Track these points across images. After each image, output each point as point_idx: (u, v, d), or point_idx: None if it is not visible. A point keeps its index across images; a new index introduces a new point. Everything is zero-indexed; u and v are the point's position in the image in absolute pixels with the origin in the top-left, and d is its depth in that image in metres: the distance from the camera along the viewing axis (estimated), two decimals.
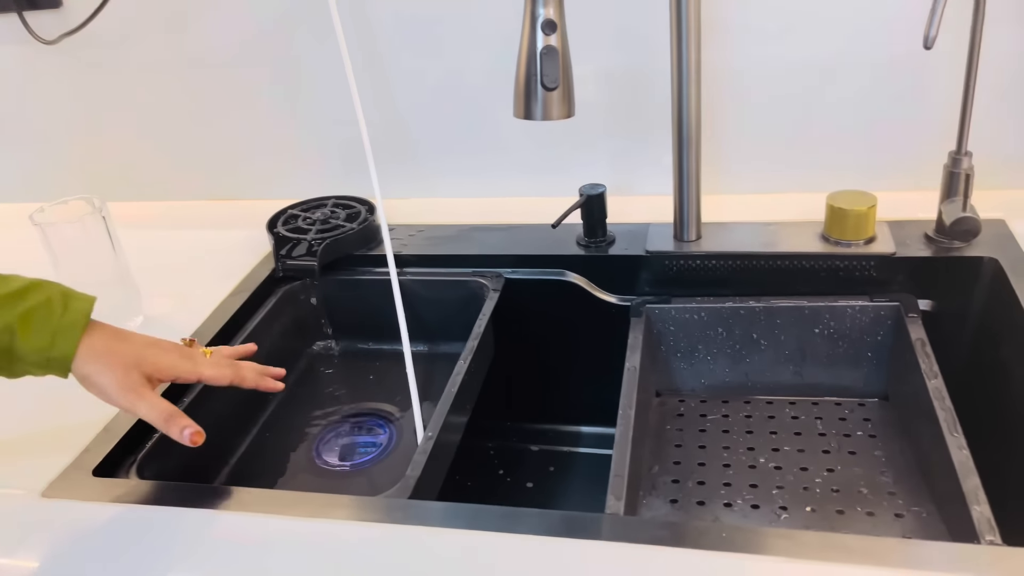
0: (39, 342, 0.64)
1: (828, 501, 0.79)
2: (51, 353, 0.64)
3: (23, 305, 0.64)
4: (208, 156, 1.25)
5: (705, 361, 0.98)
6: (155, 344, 0.71)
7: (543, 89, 0.71)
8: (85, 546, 0.67)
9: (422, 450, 0.76)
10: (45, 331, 0.64)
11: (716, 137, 1.05)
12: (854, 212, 0.91)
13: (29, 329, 0.63)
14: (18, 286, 0.65)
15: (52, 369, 0.66)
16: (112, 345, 0.67)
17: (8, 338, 0.63)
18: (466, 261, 1.03)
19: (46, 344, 0.64)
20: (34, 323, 0.64)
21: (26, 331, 0.63)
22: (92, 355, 0.66)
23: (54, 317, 0.65)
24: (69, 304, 0.66)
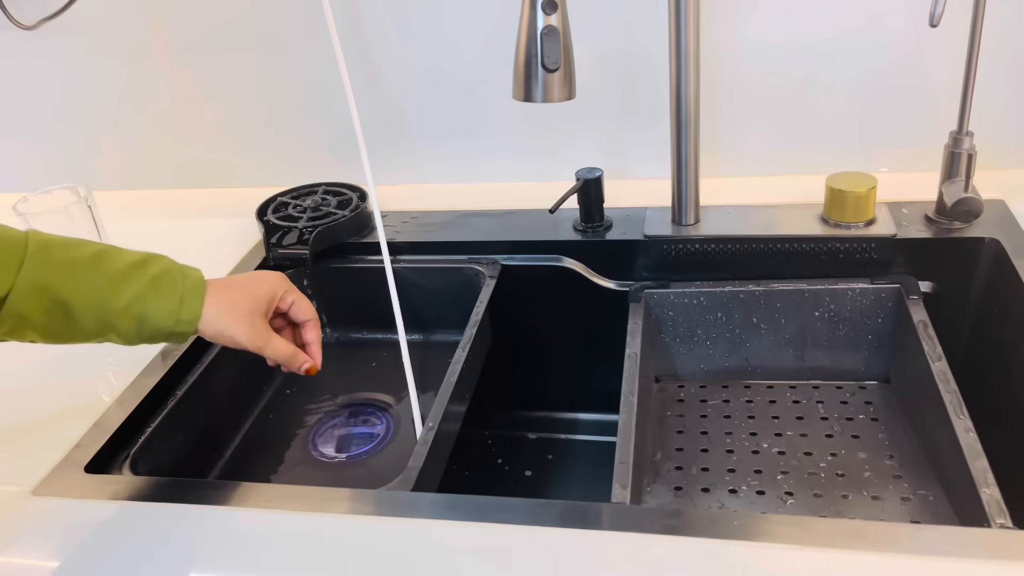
0: (170, 305, 0.67)
1: (834, 486, 0.79)
2: (180, 315, 0.67)
3: (148, 273, 0.67)
4: (195, 143, 1.22)
5: (704, 346, 0.97)
6: (256, 280, 0.74)
7: (544, 71, 0.69)
8: (79, 545, 0.65)
9: (423, 441, 0.74)
10: (173, 295, 0.67)
11: (714, 119, 1.03)
12: (853, 194, 0.90)
13: (159, 294, 0.66)
14: (138, 257, 0.68)
15: (179, 329, 0.68)
16: (229, 298, 0.71)
17: (141, 304, 0.66)
18: (461, 248, 1.02)
19: (175, 307, 0.67)
20: (162, 288, 0.67)
21: (157, 296, 0.66)
22: (217, 313, 0.69)
23: (177, 282, 0.68)
24: (185, 272, 0.70)
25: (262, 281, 0.74)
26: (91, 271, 0.65)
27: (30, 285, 0.62)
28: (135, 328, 0.67)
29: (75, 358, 0.88)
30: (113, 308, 0.65)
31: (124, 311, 0.65)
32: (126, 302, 0.65)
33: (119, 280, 0.65)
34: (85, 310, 0.64)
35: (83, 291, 0.64)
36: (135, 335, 0.67)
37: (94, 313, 0.65)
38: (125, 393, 0.82)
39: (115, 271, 0.65)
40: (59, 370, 0.87)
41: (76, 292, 0.64)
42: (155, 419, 0.81)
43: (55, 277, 0.63)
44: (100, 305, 0.65)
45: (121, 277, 0.65)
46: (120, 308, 0.65)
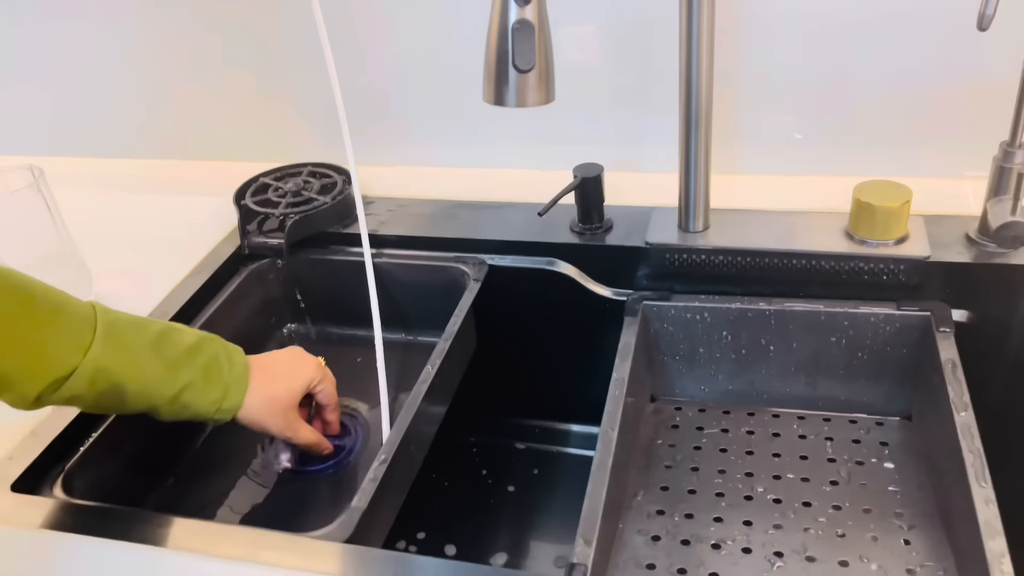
0: (214, 394, 0.68)
1: (831, 547, 0.70)
2: (222, 404, 0.69)
3: (201, 360, 0.68)
4: (171, 108, 1.15)
5: (707, 366, 0.88)
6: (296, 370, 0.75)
7: (515, 71, 0.60)
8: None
9: (372, 478, 0.67)
10: (219, 385, 0.68)
11: (731, 107, 0.92)
12: (884, 208, 0.79)
13: (207, 384, 0.67)
14: (194, 340, 0.68)
15: (216, 417, 0.69)
16: (268, 392, 0.72)
17: (189, 394, 0.66)
18: (448, 244, 0.93)
19: (219, 396, 0.68)
20: (211, 377, 0.68)
21: (205, 386, 0.67)
22: (255, 407, 0.71)
23: (224, 371, 0.69)
24: (232, 358, 0.70)
25: (301, 373, 0.75)
26: (152, 358, 0.65)
27: (93, 368, 0.61)
28: (176, 412, 0.68)
29: None
30: (164, 396, 0.66)
31: (173, 399, 0.66)
32: (176, 391, 0.66)
33: (175, 368, 0.66)
34: (138, 395, 0.65)
35: (141, 378, 0.64)
36: (173, 416, 0.68)
37: (145, 399, 0.65)
38: None
39: (173, 357, 0.66)
40: None
41: (134, 378, 0.64)
42: (100, 426, 0.76)
43: (117, 362, 0.63)
44: (153, 393, 0.65)
45: (177, 364, 0.66)
46: (170, 397, 0.66)
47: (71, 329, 0.61)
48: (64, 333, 0.61)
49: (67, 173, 0.98)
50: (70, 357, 0.60)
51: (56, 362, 0.60)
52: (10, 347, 0.59)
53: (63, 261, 0.87)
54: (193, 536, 0.62)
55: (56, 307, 0.62)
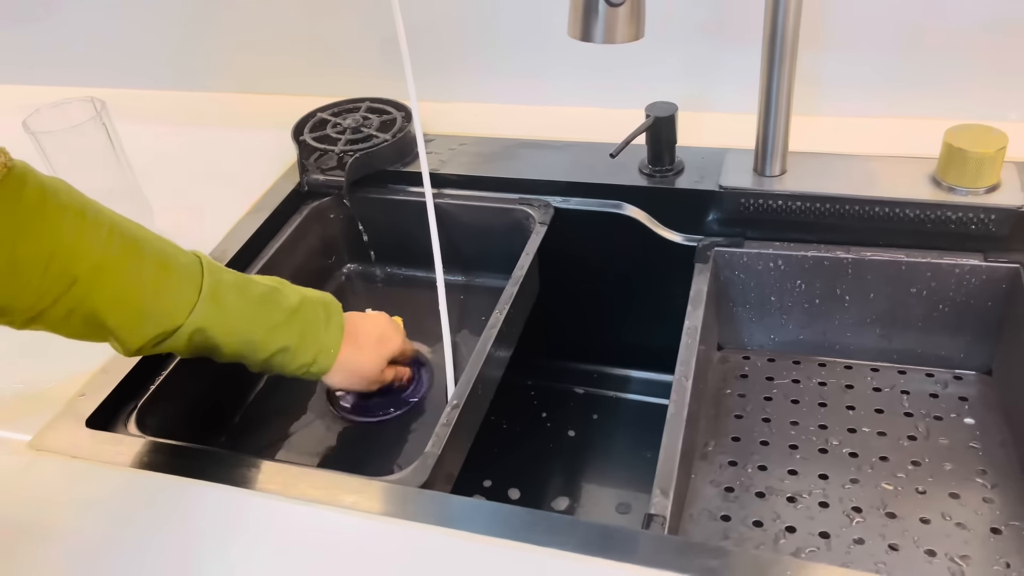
0: (304, 359, 0.68)
1: (911, 504, 0.68)
2: (310, 369, 0.69)
3: (298, 325, 0.67)
4: (231, 42, 1.12)
5: (777, 315, 0.86)
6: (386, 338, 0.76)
7: (606, 4, 0.57)
8: (67, 514, 0.61)
9: (445, 422, 0.67)
10: (311, 350, 0.68)
11: (814, 42, 0.87)
12: (977, 154, 0.75)
13: (301, 348, 0.67)
14: (295, 303, 0.67)
15: (303, 377, 0.69)
16: (355, 362, 0.72)
17: (280, 358, 0.66)
18: (512, 185, 0.91)
19: (309, 361, 0.68)
20: (306, 343, 0.67)
21: (298, 350, 0.67)
22: (341, 372, 0.71)
23: (319, 335, 0.68)
24: (331, 319, 0.69)
25: (387, 345, 0.76)
26: (252, 322, 0.64)
27: (194, 327, 0.61)
28: (264, 369, 0.68)
29: None
30: (257, 358, 0.66)
31: (265, 361, 0.66)
32: (270, 354, 0.66)
33: (272, 332, 0.65)
34: (232, 356, 0.65)
35: (238, 342, 0.64)
36: (258, 370, 0.68)
37: (238, 357, 0.66)
38: None
39: (273, 323, 0.65)
40: None
41: (231, 341, 0.64)
42: (167, 366, 0.75)
43: (218, 323, 0.62)
44: (247, 353, 0.65)
45: (275, 329, 0.65)
46: (263, 360, 0.66)
47: (179, 286, 0.61)
48: (172, 291, 0.60)
49: (126, 105, 0.97)
50: (175, 316, 0.60)
51: (161, 319, 0.60)
52: (118, 302, 0.58)
53: (125, 195, 0.86)
54: (269, 477, 0.62)
55: (164, 261, 0.60)
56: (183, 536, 0.58)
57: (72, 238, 0.56)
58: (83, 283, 0.56)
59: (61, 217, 0.56)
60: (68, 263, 0.56)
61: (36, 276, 0.55)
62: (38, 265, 0.55)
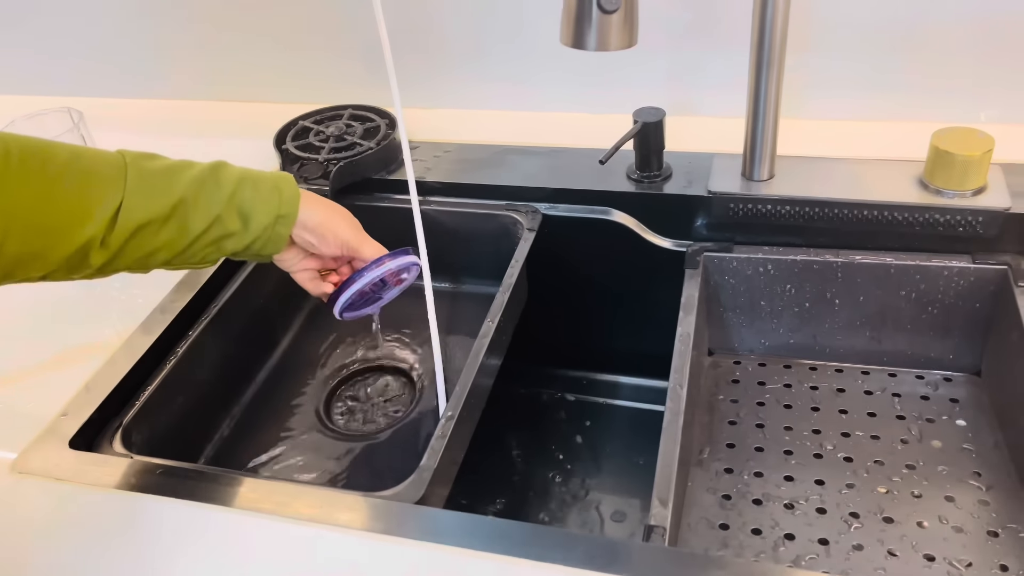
0: (266, 189, 0.64)
1: (907, 508, 0.68)
2: (283, 194, 0.65)
3: (234, 169, 0.65)
4: (208, 49, 1.10)
5: (768, 319, 0.86)
6: None
7: (599, 11, 0.56)
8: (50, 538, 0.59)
9: (440, 435, 0.66)
10: (268, 182, 0.65)
11: (802, 46, 0.87)
12: (964, 157, 0.76)
13: (257, 182, 0.64)
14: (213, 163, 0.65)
15: (284, 211, 0.65)
16: (322, 198, 0.70)
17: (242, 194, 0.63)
18: (498, 192, 0.90)
19: (274, 190, 0.65)
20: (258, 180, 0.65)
21: (255, 186, 0.64)
22: (315, 203, 0.68)
23: (265, 173, 0.66)
24: (264, 172, 0.67)
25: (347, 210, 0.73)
26: (188, 171, 0.62)
27: (139, 190, 0.59)
28: (240, 222, 0.64)
29: (71, 309, 0.81)
30: (218, 199, 0.62)
31: (228, 201, 0.63)
32: (228, 192, 0.63)
33: (215, 173, 0.63)
34: (193, 204, 0.62)
35: (188, 188, 0.61)
36: (243, 230, 0.64)
37: (202, 208, 0.62)
38: (120, 352, 0.74)
39: (208, 167, 0.63)
40: (53, 320, 0.80)
41: (181, 189, 0.61)
42: (152, 381, 0.74)
43: (158, 180, 0.60)
44: (206, 198, 0.62)
45: (215, 171, 0.63)
46: (224, 199, 0.63)
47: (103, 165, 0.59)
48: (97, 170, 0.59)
49: (102, 114, 0.94)
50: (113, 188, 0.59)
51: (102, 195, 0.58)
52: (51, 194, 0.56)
53: None
54: (263, 496, 0.60)
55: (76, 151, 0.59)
56: (174, 561, 0.57)
57: None
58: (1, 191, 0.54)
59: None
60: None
61: None
62: None
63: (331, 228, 0.69)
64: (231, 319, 0.82)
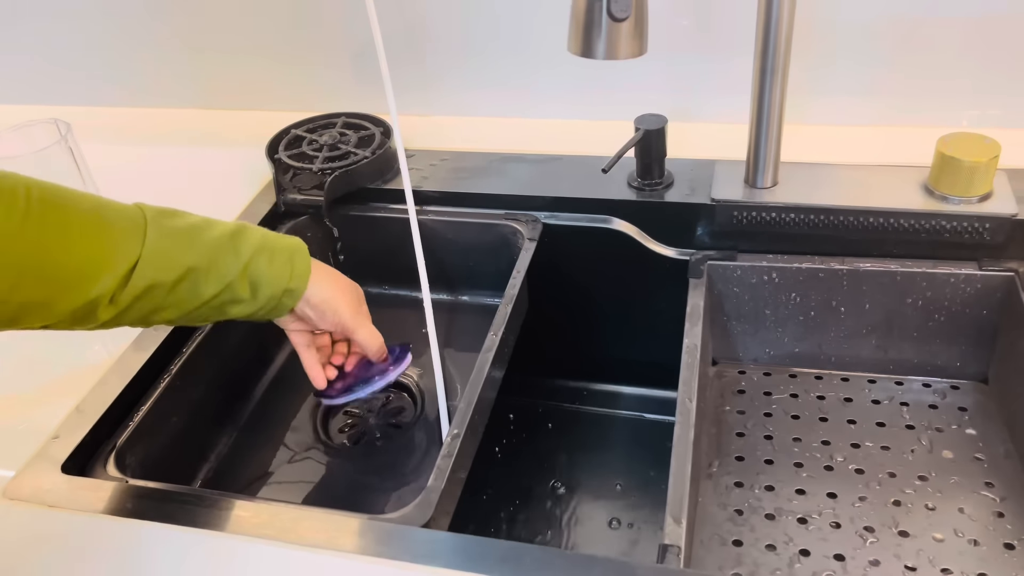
0: (281, 262, 0.65)
1: (922, 521, 0.67)
2: (294, 269, 0.65)
3: (253, 236, 0.64)
4: (198, 56, 1.08)
5: (772, 328, 0.85)
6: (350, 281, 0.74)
7: (609, 19, 0.55)
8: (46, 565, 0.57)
9: (446, 454, 0.64)
10: (283, 253, 0.65)
11: (805, 50, 0.86)
12: (970, 163, 0.75)
13: (273, 254, 0.64)
14: (233, 225, 0.64)
15: (292, 285, 0.66)
16: (335, 276, 0.70)
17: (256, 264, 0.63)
18: (497, 201, 0.88)
19: (286, 263, 0.65)
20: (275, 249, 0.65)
21: (271, 256, 0.64)
22: (323, 278, 0.68)
23: (281, 242, 0.66)
24: (281, 236, 0.67)
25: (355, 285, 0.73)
26: (207, 233, 0.62)
27: (156, 251, 0.59)
28: (250, 291, 0.64)
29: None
30: (233, 268, 0.62)
31: (242, 271, 0.63)
32: (244, 260, 0.63)
33: (234, 239, 0.63)
34: (208, 270, 0.61)
35: (205, 252, 0.61)
36: (251, 299, 0.64)
37: (216, 274, 0.62)
38: (111, 373, 0.72)
39: (228, 231, 0.63)
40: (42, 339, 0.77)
41: (199, 253, 0.61)
42: (146, 401, 0.72)
43: (176, 241, 0.60)
44: (221, 266, 0.62)
45: (235, 237, 0.63)
46: (239, 268, 0.63)
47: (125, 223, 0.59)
48: (117, 224, 0.58)
49: (90, 124, 0.92)
50: (132, 246, 0.58)
51: (118, 251, 0.57)
52: (68, 245, 0.55)
53: None
54: (265, 521, 0.58)
55: (99, 204, 0.59)
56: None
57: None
58: (19, 238, 0.53)
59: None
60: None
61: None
62: None
63: (332, 307, 0.69)
64: (225, 335, 0.80)
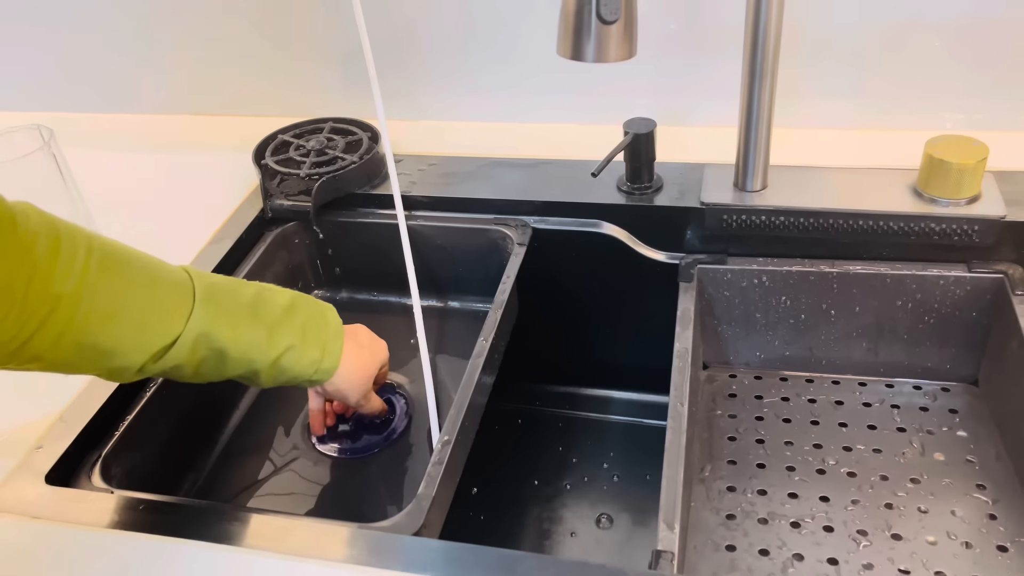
0: (313, 355, 0.65)
1: (915, 524, 0.67)
2: (321, 364, 0.65)
3: (298, 321, 0.64)
4: (183, 61, 1.07)
5: (763, 332, 0.85)
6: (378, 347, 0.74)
7: (599, 22, 0.54)
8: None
9: (437, 460, 0.63)
10: (318, 346, 0.65)
11: (793, 54, 0.86)
12: (959, 166, 0.75)
13: (306, 344, 0.64)
14: (287, 299, 0.65)
15: (315, 378, 0.66)
16: (358, 359, 0.70)
17: (289, 356, 0.63)
18: (486, 205, 0.88)
19: (318, 356, 0.65)
20: (309, 338, 0.64)
21: (304, 347, 0.64)
22: (348, 374, 0.68)
23: (321, 331, 0.66)
24: (326, 316, 0.67)
25: (379, 348, 0.74)
26: (251, 320, 0.61)
27: (195, 334, 0.58)
28: (275, 376, 0.64)
29: None
30: (265, 360, 0.62)
31: (273, 363, 0.63)
32: (277, 354, 0.62)
33: (274, 330, 0.62)
34: (239, 361, 0.61)
35: (242, 343, 0.60)
36: (271, 381, 0.64)
37: (246, 364, 0.62)
38: (94, 382, 0.71)
39: (272, 320, 0.62)
40: None
41: (235, 343, 0.60)
42: (131, 410, 0.71)
43: (218, 326, 0.59)
44: (254, 357, 0.61)
45: (276, 326, 0.62)
46: (271, 361, 0.62)
47: (170, 294, 0.57)
48: (164, 299, 0.57)
49: (73, 130, 0.91)
50: (172, 324, 0.57)
51: (158, 329, 0.56)
52: (108, 317, 0.54)
53: None
54: (255, 531, 0.58)
55: (151, 272, 0.57)
56: None
57: (48, 258, 0.52)
58: (67, 302, 0.52)
59: (34, 239, 0.52)
60: (47, 284, 0.52)
61: (16, 302, 0.50)
62: (17, 290, 0.50)
63: (341, 395, 0.70)
64: None
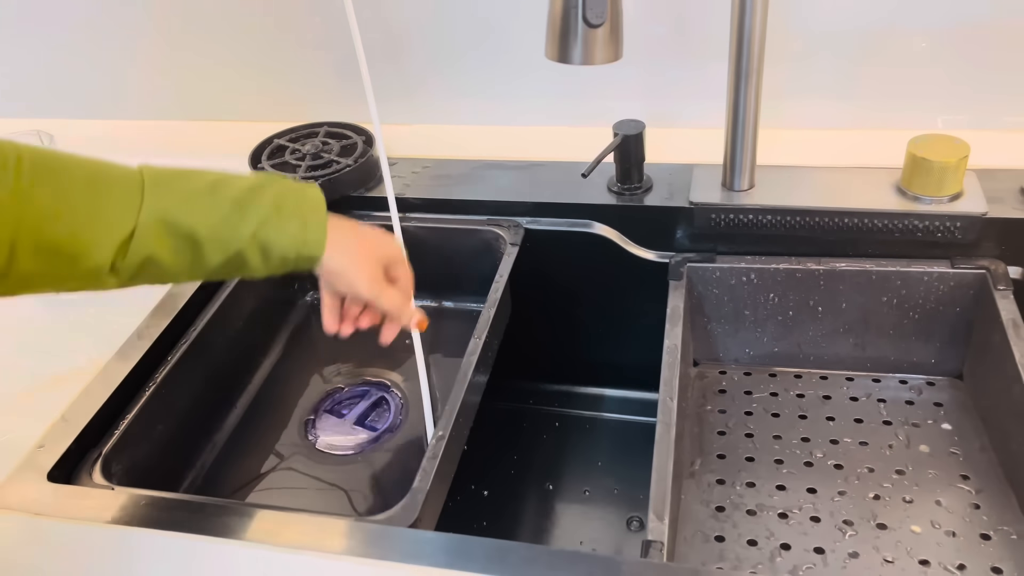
0: (293, 228, 0.60)
1: (900, 514, 0.69)
2: (306, 236, 0.61)
3: (268, 195, 0.60)
4: (183, 68, 1.09)
5: (752, 329, 0.86)
6: (381, 235, 0.69)
7: (585, 25, 0.56)
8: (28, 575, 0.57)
9: (431, 455, 0.65)
10: (296, 217, 0.61)
11: (779, 56, 0.88)
12: (941, 164, 0.77)
13: (282, 217, 0.60)
14: (253, 180, 0.60)
15: (305, 252, 0.62)
16: (354, 236, 0.65)
17: (265, 230, 0.59)
18: (479, 207, 0.89)
19: (299, 228, 0.61)
20: (285, 210, 0.60)
21: (280, 219, 0.60)
22: (342, 246, 0.64)
23: (298, 202, 0.61)
24: (304, 191, 0.63)
25: (388, 241, 0.69)
26: (212, 198, 0.58)
27: (154, 221, 0.55)
28: (264, 258, 0.60)
29: (44, 336, 0.78)
30: (240, 238, 0.58)
31: (252, 238, 0.59)
32: (251, 230, 0.59)
33: (241, 205, 0.59)
34: (213, 241, 0.58)
35: (208, 220, 0.57)
36: (262, 265, 0.61)
37: (222, 245, 0.58)
38: (95, 381, 0.72)
39: (235, 196, 0.59)
40: (24, 348, 0.78)
41: (203, 224, 0.57)
42: (131, 409, 0.72)
43: (177, 210, 0.56)
44: (228, 236, 0.58)
45: (243, 201, 0.59)
46: (247, 237, 0.59)
47: (117, 187, 0.55)
48: (110, 192, 0.55)
49: (70, 136, 0.92)
50: (125, 214, 0.54)
51: (113, 221, 0.54)
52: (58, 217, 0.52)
53: None
54: (254, 525, 0.59)
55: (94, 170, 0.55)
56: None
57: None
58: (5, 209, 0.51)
59: None
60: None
61: None
62: None
63: (346, 280, 0.65)
64: (210, 343, 0.80)
